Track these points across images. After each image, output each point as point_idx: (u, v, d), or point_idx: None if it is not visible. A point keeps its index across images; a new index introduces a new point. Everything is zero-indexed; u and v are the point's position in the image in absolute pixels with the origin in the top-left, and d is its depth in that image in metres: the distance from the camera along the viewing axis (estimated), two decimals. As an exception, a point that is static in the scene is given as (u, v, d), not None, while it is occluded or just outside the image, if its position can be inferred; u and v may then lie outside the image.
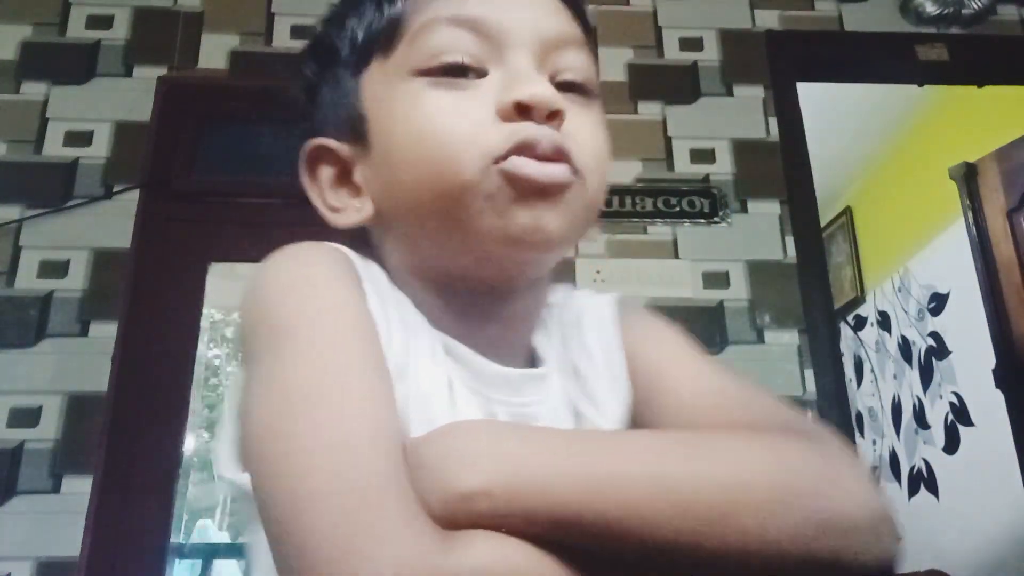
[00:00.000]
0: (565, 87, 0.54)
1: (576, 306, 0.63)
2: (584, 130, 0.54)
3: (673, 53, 2.28)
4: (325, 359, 0.45)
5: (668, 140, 2.17)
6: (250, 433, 0.45)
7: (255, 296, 0.51)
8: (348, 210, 0.58)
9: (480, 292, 0.55)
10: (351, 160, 0.58)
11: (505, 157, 0.50)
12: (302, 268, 0.51)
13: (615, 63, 2.23)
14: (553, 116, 0.51)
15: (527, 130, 0.50)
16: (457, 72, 0.52)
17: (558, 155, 0.51)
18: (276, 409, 0.44)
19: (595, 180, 0.54)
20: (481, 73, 0.53)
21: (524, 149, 0.50)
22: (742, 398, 0.55)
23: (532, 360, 0.59)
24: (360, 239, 0.60)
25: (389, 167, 0.54)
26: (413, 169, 0.52)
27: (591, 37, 0.60)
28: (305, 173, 0.60)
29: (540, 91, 0.51)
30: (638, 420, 0.58)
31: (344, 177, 0.59)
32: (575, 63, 0.56)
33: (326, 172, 0.59)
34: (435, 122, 0.51)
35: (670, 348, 0.60)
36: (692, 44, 2.29)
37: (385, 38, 0.55)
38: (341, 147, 0.58)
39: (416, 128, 0.52)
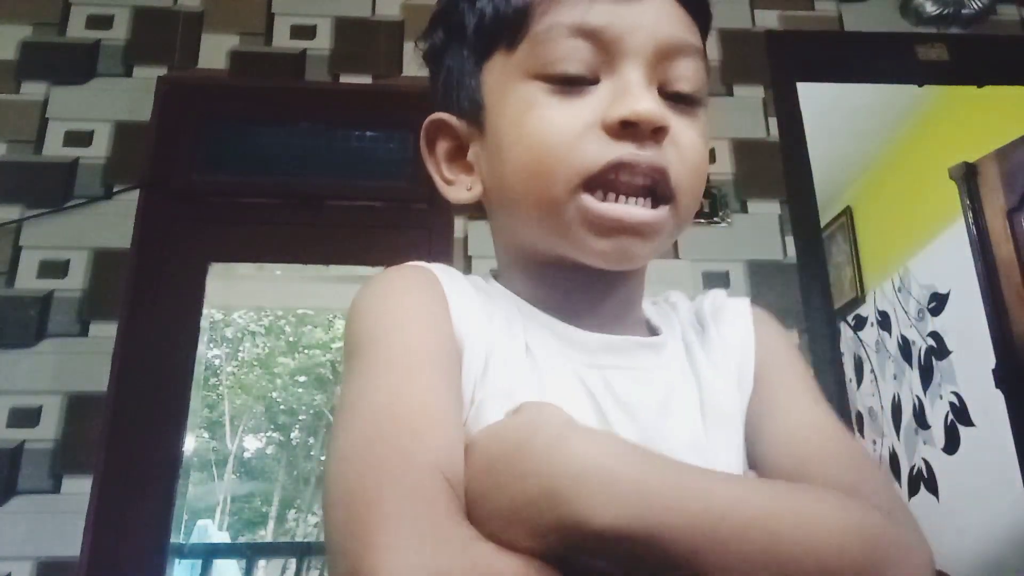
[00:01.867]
0: (673, 97, 0.55)
1: (715, 301, 0.65)
2: (686, 143, 0.55)
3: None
4: (389, 373, 0.49)
5: (668, 140, 2.17)
6: (330, 434, 0.50)
7: (348, 315, 0.55)
8: (459, 186, 0.62)
9: (582, 276, 0.58)
10: (467, 138, 0.62)
11: (599, 177, 0.52)
12: (383, 291, 0.55)
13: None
14: (657, 133, 0.53)
15: (624, 150, 0.52)
16: (571, 81, 0.54)
17: (653, 177, 0.53)
18: (339, 417, 0.48)
19: (688, 200, 0.56)
20: (594, 80, 0.54)
21: (619, 168, 0.52)
22: (842, 449, 0.54)
23: (651, 334, 0.61)
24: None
25: (498, 161, 0.58)
26: (517, 171, 0.56)
27: (707, 38, 0.61)
28: (424, 144, 0.64)
29: (645, 108, 0.52)
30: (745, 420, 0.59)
31: (459, 153, 0.62)
32: (686, 72, 0.56)
33: (443, 145, 0.63)
34: (541, 133, 0.54)
35: (793, 370, 0.61)
36: (692, 44, 2.29)
37: (510, 31, 0.57)
38: (459, 125, 0.62)
39: (524, 135, 0.55)
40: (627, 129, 0.52)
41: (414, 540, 0.39)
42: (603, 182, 0.53)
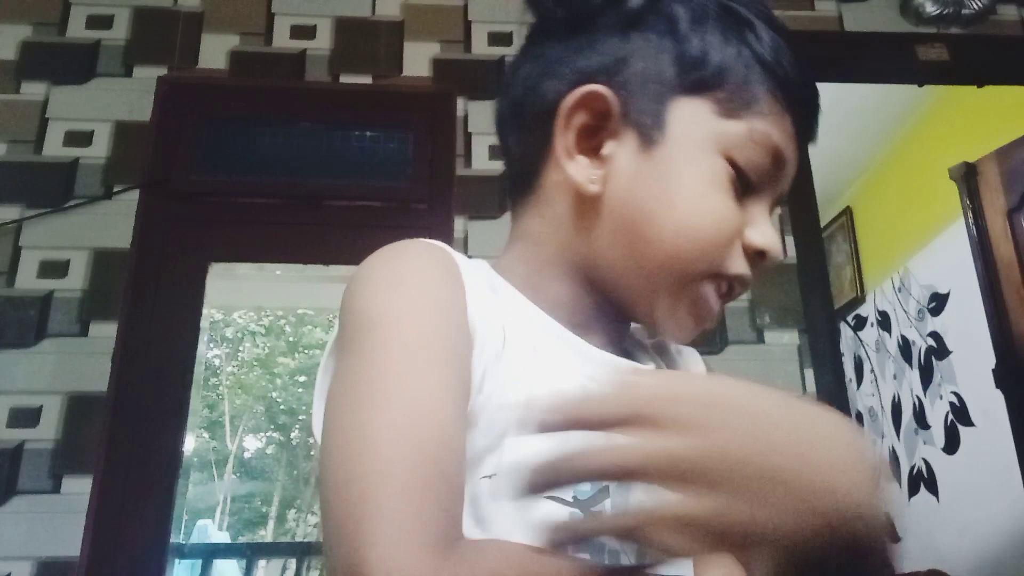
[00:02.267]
0: None
1: (671, 344, 0.69)
2: None
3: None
4: (395, 362, 0.47)
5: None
6: (324, 415, 0.48)
7: (352, 288, 0.53)
8: (579, 167, 0.57)
9: (607, 303, 0.59)
10: (613, 131, 0.56)
11: (724, 277, 0.57)
12: (398, 266, 0.53)
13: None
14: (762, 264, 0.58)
15: (747, 272, 0.57)
16: (746, 185, 0.56)
17: (736, 296, 0.59)
18: (340, 399, 0.47)
19: None
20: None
21: (738, 282, 0.58)
22: None
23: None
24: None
25: (656, 197, 0.56)
26: (671, 229, 0.55)
27: None
28: (572, 106, 0.57)
29: (778, 249, 0.58)
30: None
31: (591, 135, 0.57)
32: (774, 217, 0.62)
33: (581, 117, 0.57)
34: (715, 217, 0.55)
35: None
36: (692, 44, 2.29)
37: (732, 97, 0.56)
38: (620, 114, 0.56)
39: (700, 208, 0.55)
40: (756, 255, 0.57)
41: (408, 540, 0.40)
42: (721, 280, 0.57)
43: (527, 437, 0.51)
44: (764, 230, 0.57)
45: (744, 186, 0.56)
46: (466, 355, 0.50)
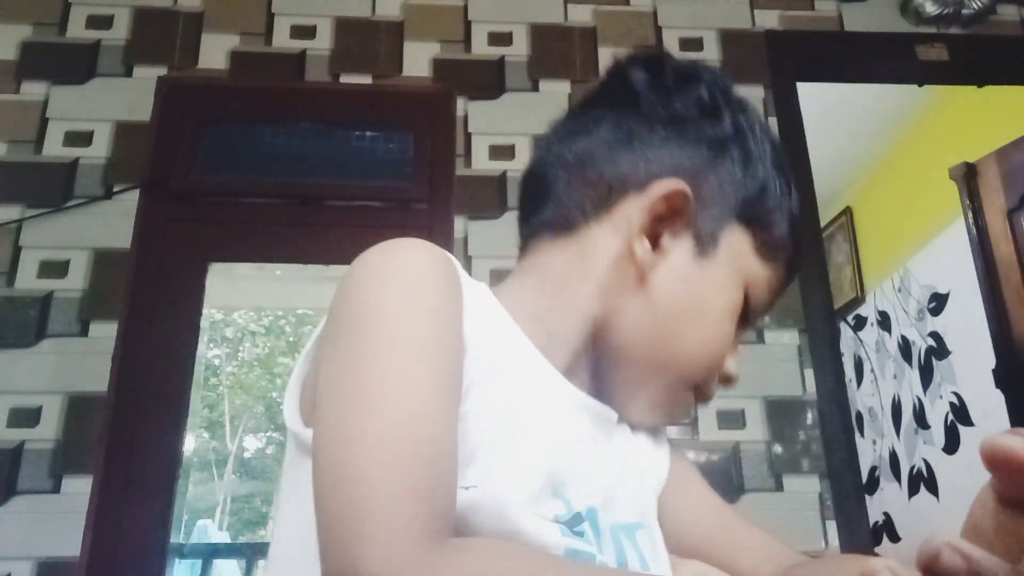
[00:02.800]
0: None
1: None
2: None
3: (674, 53, 2.28)
4: (387, 360, 0.47)
5: (668, 140, 2.17)
6: (317, 413, 0.48)
7: (347, 282, 0.52)
8: (639, 248, 0.59)
9: (596, 356, 0.61)
10: (678, 231, 0.60)
11: (699, 390, 0.63)
12: (395, 263, 0.52)
13: (615, 63, 2.23)
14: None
15: (714, 392, 0.64)
16: (742, 320, 0.63)
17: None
18: (332, 396, 0.47)
19: None
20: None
21: (706, 398, 0.64)
22: (744, 522, 0.68)
23: None
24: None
25: (687, 302, 0.60)
26: (690, 332, 0.60)
27: None
28: (662, 192, 0.59)
29: (737, 377, 0.64)
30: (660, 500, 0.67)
31: (657, 225, 0.59)
32: None
33: (662, 206, 0.59)
34: (721, 341, 0.61)
35: (691, 464, 0.73)
36: (692, 44, 2.29)
37: (768, 242, 0.62)
38: (692, 214, 0.59)
39: (715, 325, 0.61)
40: (724, 379, 0.64)
41: (401, 537, 0.40)
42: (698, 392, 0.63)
43: (513, 454, 0.50)
44: (736, 361, 0.64)
45: (741, 320, 0.62)
46: (459, 357, 0.50)
